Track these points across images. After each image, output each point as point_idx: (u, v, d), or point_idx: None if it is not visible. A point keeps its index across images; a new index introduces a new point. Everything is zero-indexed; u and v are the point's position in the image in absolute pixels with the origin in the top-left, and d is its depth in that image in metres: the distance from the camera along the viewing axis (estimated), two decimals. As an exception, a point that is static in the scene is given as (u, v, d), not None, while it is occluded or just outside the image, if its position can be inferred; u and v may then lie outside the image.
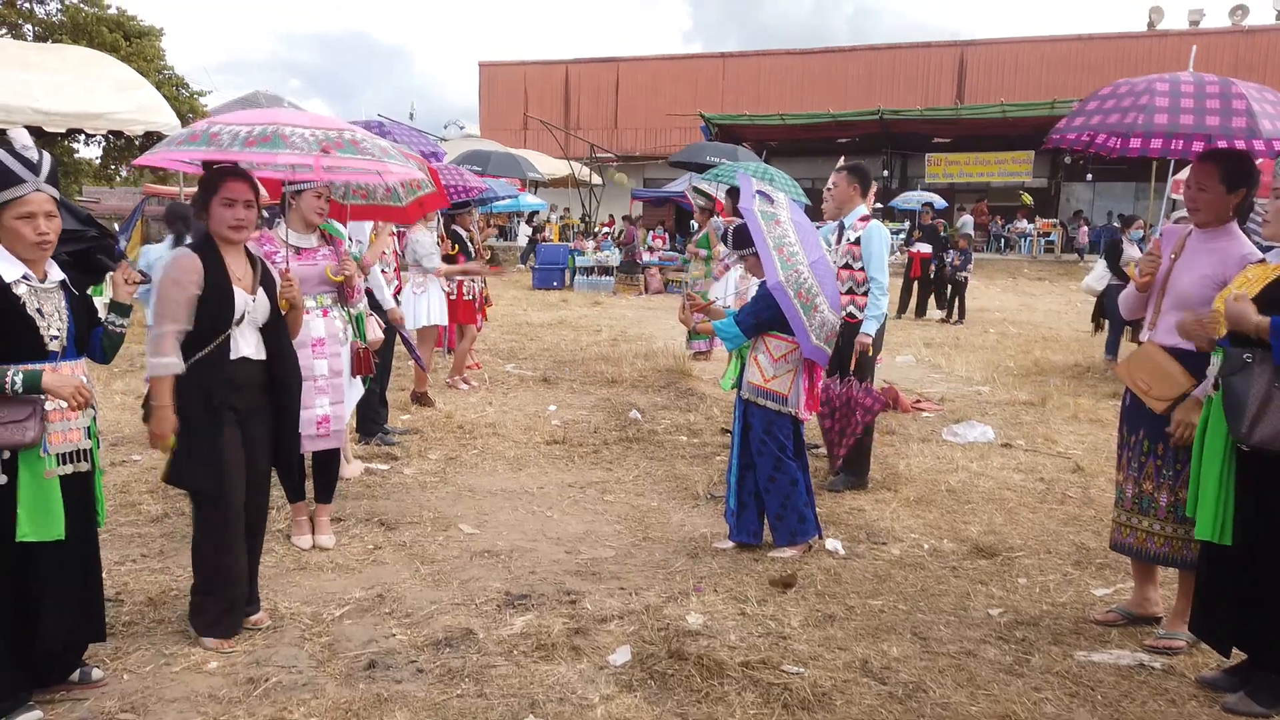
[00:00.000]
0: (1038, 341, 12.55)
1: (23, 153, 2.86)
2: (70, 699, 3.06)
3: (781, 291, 4.23)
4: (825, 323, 4.43)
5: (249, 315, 3.45)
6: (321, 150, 3.51)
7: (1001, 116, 24.64)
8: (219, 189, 3.41)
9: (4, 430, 2.75)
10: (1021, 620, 3.84)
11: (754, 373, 4.54)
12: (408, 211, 5.72)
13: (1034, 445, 6.83)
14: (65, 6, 28.02)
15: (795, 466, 4.53)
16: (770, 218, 4.41)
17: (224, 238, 3.44)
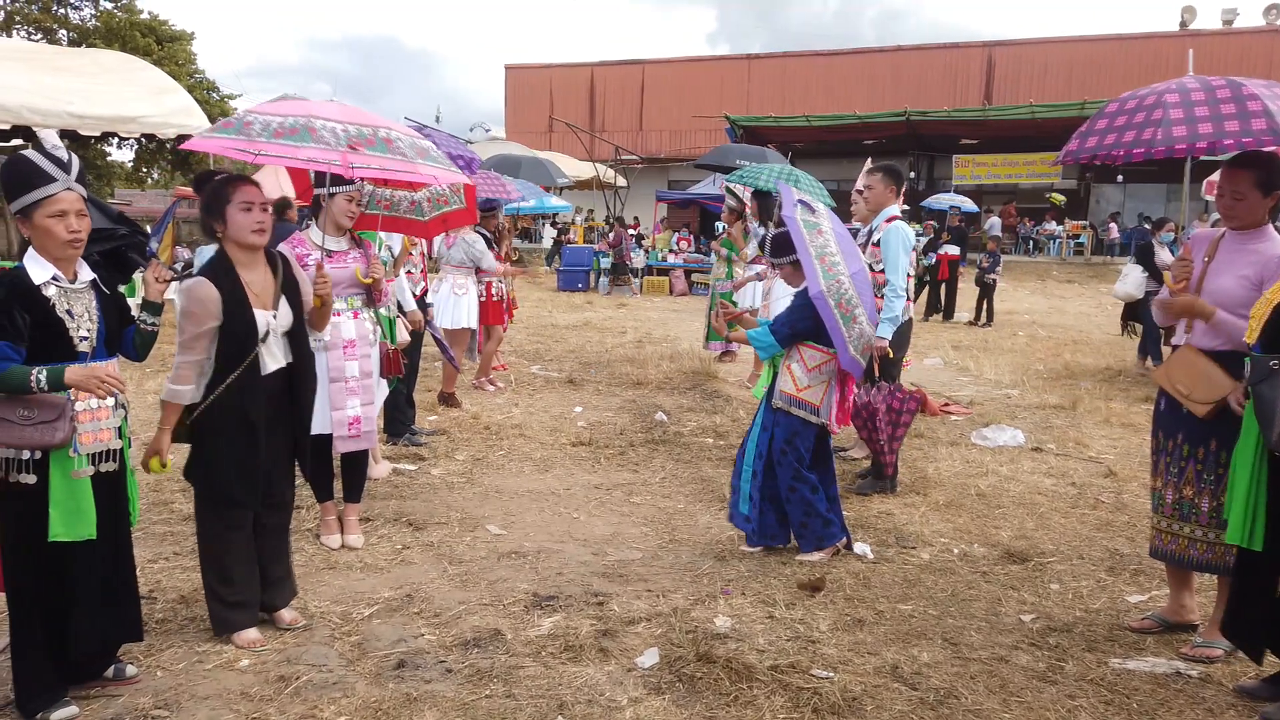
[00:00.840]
0: (1068, 344, 12.41)
1: (53, 152, 2.90)
2: (105, 695, 3.09)
3: (823, 300, 4.20)
4: (863, 335, 4.41)
5: (272, 329, 3.44)
6: (349, 147, 3.50)
7: (1030, 118, 24.41)
8: (233, 195, 3.38)
9: (34, 431, 2.78)
10: (1054, 627, 3.79)
11: (786, 381, 4.50)
12: (429, 226, 5.63)
13: (1065, 449, 6.75)
14: (99, 11, 28.45)
15: (814, 476, 4.50)
16: (813, 227, 4.39)
17: (247, 244, 3.41)
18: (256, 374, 3.40)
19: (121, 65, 12.13)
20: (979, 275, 15.08)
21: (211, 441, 3.37)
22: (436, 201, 5.52)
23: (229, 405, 3.35)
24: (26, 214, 2.83)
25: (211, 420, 3.35)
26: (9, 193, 2.85)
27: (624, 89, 36.58)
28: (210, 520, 3.49)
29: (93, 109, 10.36)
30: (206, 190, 3.46)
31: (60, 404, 2.81)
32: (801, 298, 4.42)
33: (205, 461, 3.40)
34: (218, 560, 3.49)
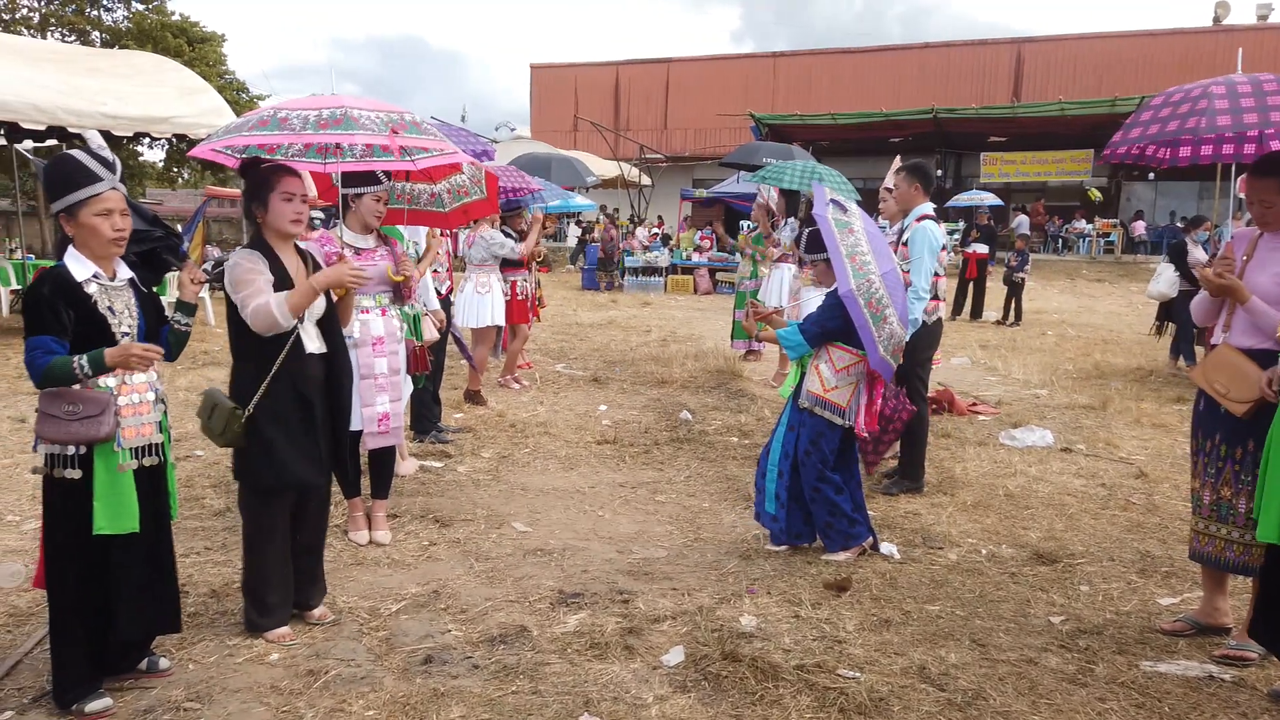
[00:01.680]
0: (1097, 344, 12.27)
1: (99, 152, 2.96)
2: (139, 687, 3.14)
3: (852, 300, 4.17)
4: (894, 335, 4.37)
5: (309, 311, 3.51)
6: (391, 131, 3.57)
7: (1060, 114, 24.14)
8: (277, 185, 3.46)
9: (79, 426, 2.83)
10: (1084, 629, 3.75)
11: (814, 381, 4.47)
12: (449, 217, 5.69)
13: (1095, 450, 6.67)
14: (131, 13, 28.81)
15: (838, 478, 4.47)
16: (844, 226, 4.36)
17: (285, 232, 3.49)
18: (302, 352, 3.46)
19: (153, 66, 12.31)
20: (1007, 274, 14.94)
21: (271, 429, 3.39)
22: (457, 193, 5.56)
23: (282, 387, 3.40)
24: (72, 212, 2.88)
25: (267, 405, 3.38)
26: (56, 190, 2.89)
27: (649, 88, 36.57)
28: (257, 517, 3.52)
29: (126, 110, 10.52)
30: (252, 175, 3.52)
31: (104, 399, 2.86)
32: (832, 297, 4.39)
33: (267, 450, 3.40)
34: (260, 561, 3.53)
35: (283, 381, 3.40)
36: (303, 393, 3.45)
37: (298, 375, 3.44)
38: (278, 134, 3.54)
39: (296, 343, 3.44)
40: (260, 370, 3.38)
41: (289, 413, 3.43)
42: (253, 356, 3.41)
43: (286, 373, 3.40)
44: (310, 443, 3.49)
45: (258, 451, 3.41)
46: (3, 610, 3.72)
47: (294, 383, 3.43)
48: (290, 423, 3.43)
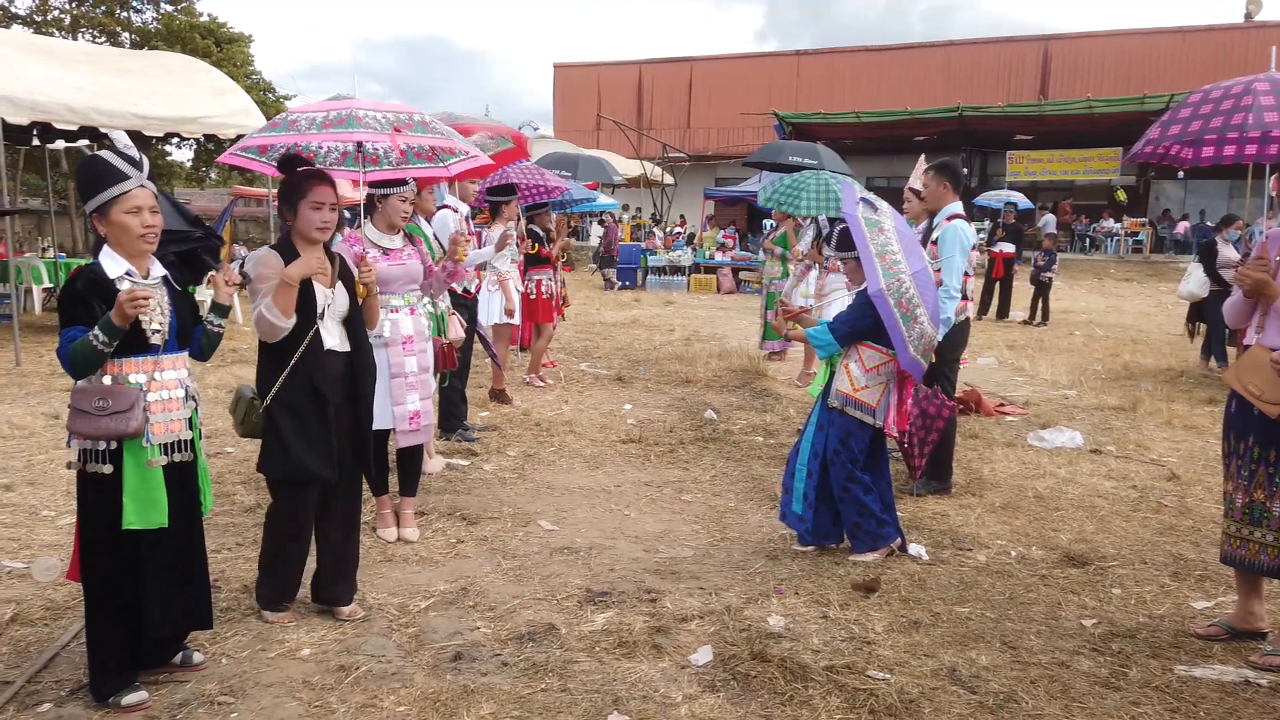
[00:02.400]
0: (1127, 344, 12.13)
1: (125, 151, 3.00)
2: (173, 681, 3.18)
3: (882, 299, 4.14)
4: (924, 334, 4.33)
5: (330, 308, 3.57)
6: (394, 129, 3.69)
7: (1088, 112, 23.87)
8: (307, 193, 3.51)
9: (109, 421, 2.87)
10: (1117, 632, 3.71)
11: (843, 380, 4.45)
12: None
13: (1125, 452, 6.60)
14: (160, 14, 29.13)
15: (868, 478, 4.44)
16: (874, 225, 4.33)
17: (310, 239, 3.55)
18: (320, 347, 3.52)
19: (183, 67, 12.44)
20: (1034, 274, 14.80)
21: (285, 422, 3.46)
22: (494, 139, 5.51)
23: (299, 381, 3.46)
24: (103, 211, 2.93)
25: (284, 399, 3.45)
26: (87, 191, 2.95)
27: (672, 87, 36.54)
28: (279, 504, 3.61)
29: (156, 110, 10.64)
30: (286, 181, 3.58)
31: (133, 395, 2.90)
32: (863, 296, 4.37)
33: (280, 443, 3.48)
34: (274, 545, 3.63)
35: (300, 376, 3.46)
36: (319, 388, 3.50)
37: (316, 371, 3.49)
38: (286, 134, 3.64)
39: (315, 339, 3.49)
40: (279, 364, 3.45)
41: (304, 407, 3.49)
42: (273, 351, 3.48)
43: (304, 368, 3.46)
44: (324, 438, 3.52)
45: (272, 443, 3.50)
46: (40, 604, 3.77)
47: (311, 378, 3.48)
48: (305, 417, 3.49)
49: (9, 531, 4.62)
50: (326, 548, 3.73)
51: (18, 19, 27.29)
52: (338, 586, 3.75)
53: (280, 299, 3.40)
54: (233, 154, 4.19)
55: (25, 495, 5.19)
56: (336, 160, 4.20)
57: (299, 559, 3.67)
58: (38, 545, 4.43)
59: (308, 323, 3.48)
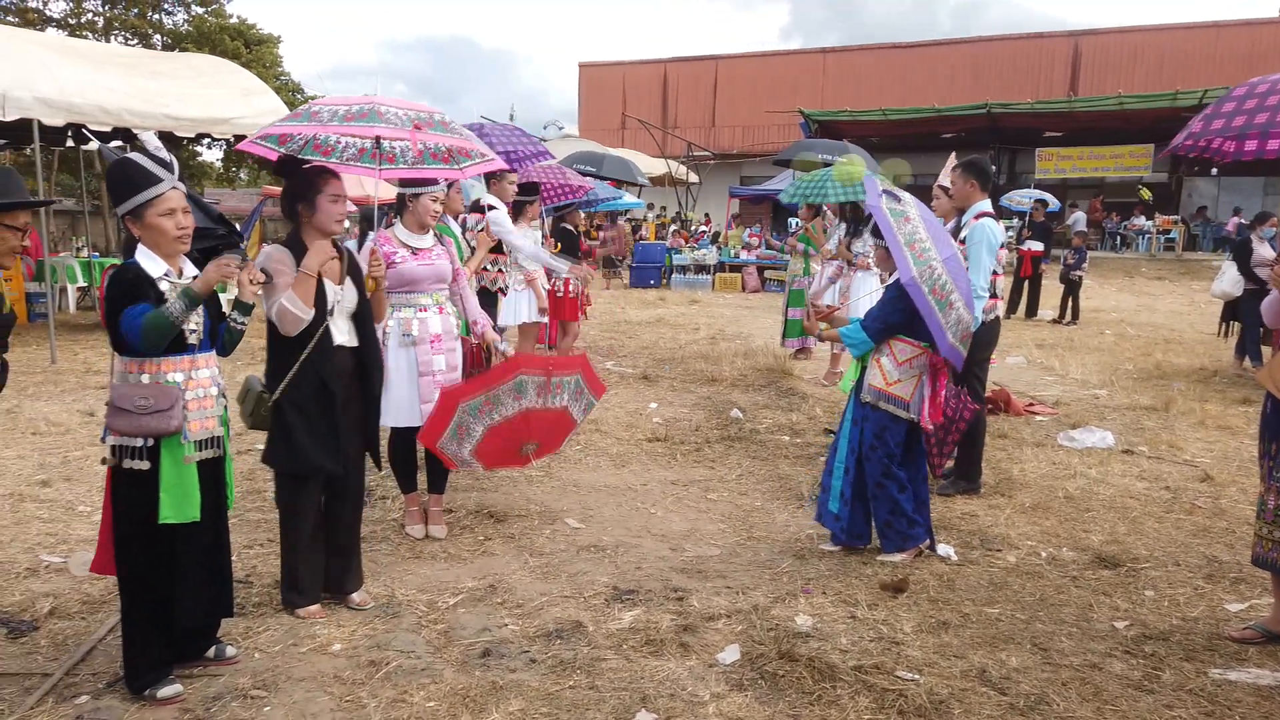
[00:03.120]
0: (1158, 343, 11.97)
1: (156, 153, 3.04)
2: (207, 674, 3.22)
3: (915, 287, 4.08)
4: (961, 320, 4.27)
5: (339, 304, 3.61)
6: (414, 126, 3.76)
7: (1119, 109, 23.55)
8: (325, 187, 3.58)
9: (151, 419, 2.92)
10: (1150, 634, 3.67)
11: (875, 375, 4.41)
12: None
13: (1158, 452, 6.52)
14: (191, 16, 29.48)
15: (904, 475, 4.42)
16: (899, 215, 4.30)
17: (330, 232, 3.61)
18: (330, 342, 3.58)
19: (213, 68, 12.59)
20: (1064, 272, 14.64)
21: (292, 416, 3.52)
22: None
23: (308, 375, 3.52)
24: (137, 214, 2.97)
25: (292, 393, 3.51)
26: (120, 195, 2.99)
27: (697, 85, 36.48)
28: (288, 499, 3.68)
29: (187, 111, 10.77)
30: (300, 176, 3.62)
31: (174, 394, 2.95)
32: (893, 289, 4.34)
33: (286, 436, 3.55)
34: (291, 542, 3.69)
35: (309, 371, 3.52)
36: (327, 384, 3.55)
37: (324, 366, 3.54)
38: (308, 125, 3.75)
39: (325, 334, 3.54)
40: (289, 359, 3.50)
41: (311, 402, 3.54)
42: (283, 346, 3.54)
43: (313, 363, 3.52)
44: (329, 432, 3.58)
45: (279, 436, 3.56)
46: (76, 597, 3.84)
47: (319, 373, 3.54)
48: (311, 412, 3.54)
49: (46, 527, 4.70)
50: (331, 538, 3.79)
51: (52, 22, 27.73)
52: (343, 575, 3.82)
53: (301, 290, 3.46)
54: (252, 141, 4.21)
55: (62, 491, 5.28)
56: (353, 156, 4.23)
57: (310, 549, 3.72)
58: (74, 540, 4.51)
59: (318, 318, 3.53)
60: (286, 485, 3.68)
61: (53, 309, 10.41)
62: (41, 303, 12.33)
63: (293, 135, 3.95)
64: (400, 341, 4.41)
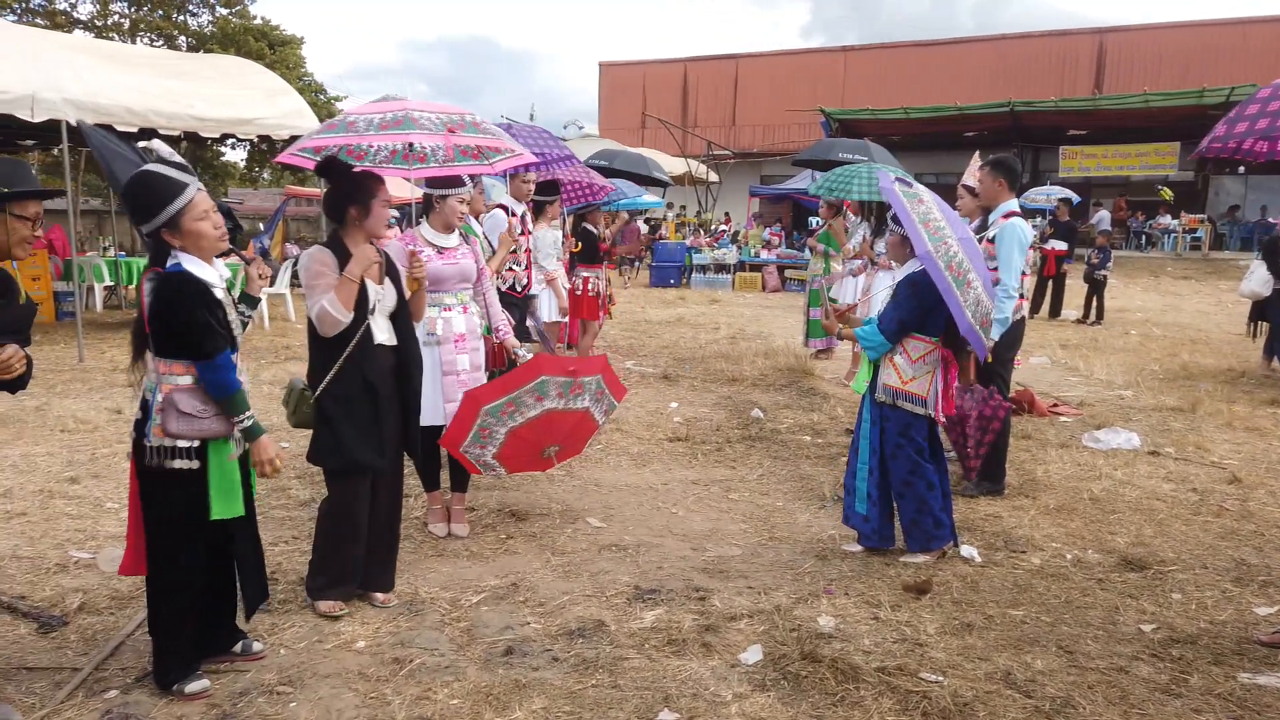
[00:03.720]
0: (1185, 344, 11.84)
1: (172, 159, 3.02)
2: (234, 670, 3.25)
3: (931, 260, 4.03)
4: (980, 302, 4.22)
5: (380, 304, 3.64)
6: (448, 130, 3.82)
7: (1144, 106, 23.30)
8: (379, 191, 3.62)
9: (210, 422, 2.96)
10: (1177, 638, 3.63)
11: (890, 375, 4.40)
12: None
13: (1184, 454, 6.44)
14: (216, 18, 29.74)
15: (931, 469, 4.39)
16: (912, 196, 4.28)
17: (378, 234, 3.65)
18: (371, 341, 3.61)
19: (237, 69, 12.69)
20: (1088, 272, 14.50)
21: (336, 413, 3.55)
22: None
23: (350, 373, 3.55)
24: (174, 223, 2.92)
25: (335, 391, 3.53)
26: (150, 209, 2.91)
27: (717, 84, 36.43)
28: (338, 496, 3.68)
29: (212, 112, 10.87)
30: (353, 179, 3.62)
31: None
32: (904, 286, 4.33)
33: (331, 433, 3.57)
34: (327, 534, 3.70)
35: (351, 369, 3.55)
36: (370, 381, 3.58)
37: (366, 364, 3.57)
38: (344, 135, 3.78)
39: (366, 333, 3.57)
40: (331, 358, 3.53)
41: (355, 399, 3.57)
42: (325, 345, 3.56)
43: (355, 361, 3.55)
44: (374, 428, 3.61)
45: (324, 433, 3.59)
46: (105, 593, 3.89)
47: (362, 371, 3.56)
48: (355, 408, 3.57)
49: (75, 523, 4.76)
50: (371, 535, 3.81)
51: (79, 24, 28.06)
52: (379, 573, 3.85)
53: (343, 294, 3.49)
54: (291, 154, 4.29)
55: (90, 488, 5.34)
56: (385, 159, 4.29)
57: (354, 548, 3.74)
58: (103, 536, 4.56)
59: (360, 318, 3.56)
60: (337, 482, 3.70)
61: (80, 308, 10.53)
62: (69, 301, 12.49)
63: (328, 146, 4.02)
64: (424, 340, 4.44)
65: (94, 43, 15.00)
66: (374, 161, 4.07)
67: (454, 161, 4.22)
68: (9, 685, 3.11)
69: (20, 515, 4.84)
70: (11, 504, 5.01)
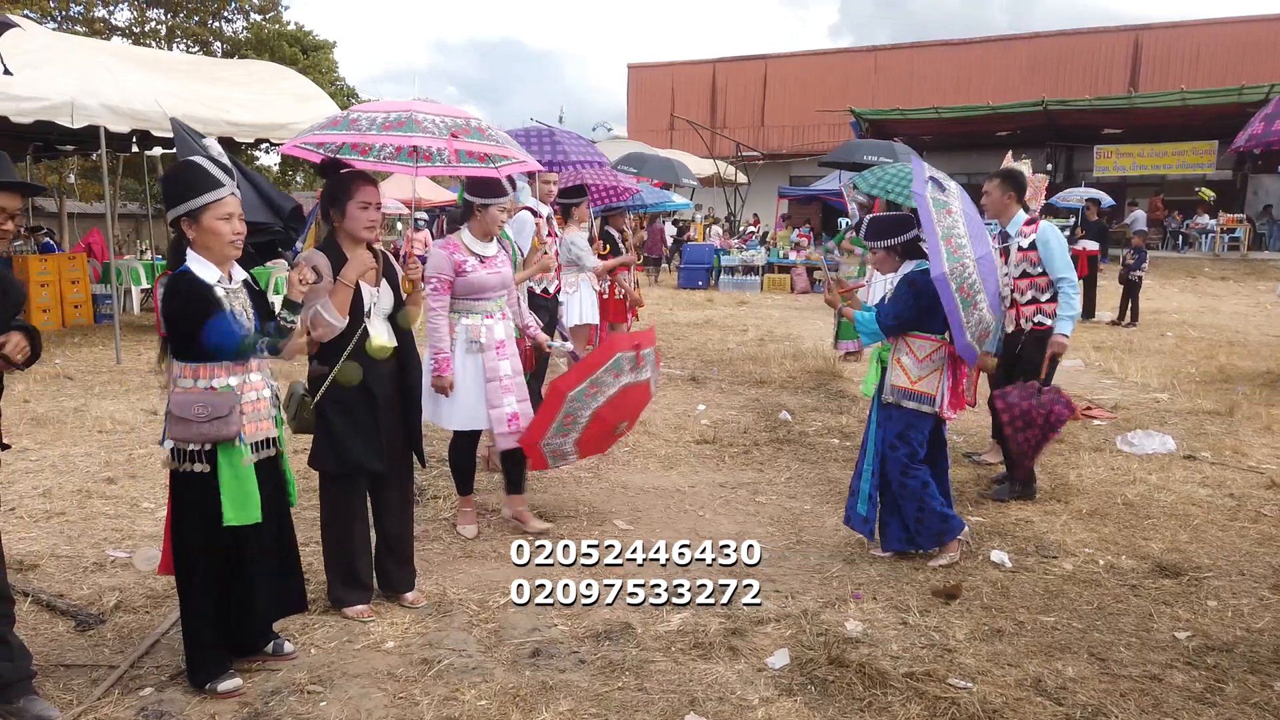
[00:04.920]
0: (1222, 346, 11.63)
1: (218, 158, 3.11)
2: (265, 669, 3.30)
3: (944, 283, 4.04)
4: (982, 321, 4.24)
5: (376, 306, 3.66)
6: (451, 135, 3.82)
7: (1181, 105, 22.91)
8: (355, 193, 3.60)
9: (210, 426, 2.99)
10: (1212, 645, 3.57)
11: (898, 375, 4.38)
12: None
13: (1221, 458, 6.34)
14: (250, 24, 30.14)
15: (924, 470, 4.36)
16: (941, 206, 4.24)
17: (359, 237, 3.64)
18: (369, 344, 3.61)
19: (271, 74, 12.88)
20: (1123, 272, 14.28)
21: (336, 418, 3.58)
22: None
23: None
24: (195, 216, 3.01)
25: (334, 394, 3.55)
26: (180, 195, 3.03)
27: (746, 85, 36.33)
28: (337, 500, 3.73)
29: (247, 117, 11.02)
30: (330, 182, 3.68)
31: (231, 400, 3.02)
32: (903, 286, 4.31)
33: (331, 438, 3.61)
34: (336, 541, 3.74)
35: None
36: (369, 384, 3.60)
37: (365, 367, 3.58)
38: (346, 133, 3.82)
39: (363, 337, 3.59)
40: (329, 362, 3.55)
41: (354, 402, 3.59)
42: (323, 349, 3.58)
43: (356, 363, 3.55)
44: (373, 431, 3.63)
45: (323, 437, 3.62)
46: (142, 592, 3.96)
47: (362, 374, 3.57)
48: (355, 412, 3.59)
49: (112, 523, 4.85)
50: (383, 538, 3.85)
51: (118, 31, 28.57)
52: (397, 574, 3.88)
53: (338, 299, 3.51)
54: (294, 145, 4.31)
55: (127, 488, 5.44)
56: (390, 155, 4.31)
57: (360, 548, 3.78)
58: (139, 535, 4.64)
59: (356, 321, 3.58)
60: (333, 486, 3.73)
61: (118, 310, 10.73)
62: (107, 304, 12.72)
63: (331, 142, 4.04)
64: (468, 348, 4.46)
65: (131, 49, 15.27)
66: (379, 158, 4.10)
67: (459, 163, 4.25)
68: (47, 682, 3.17)
69: (59, 515, 4.95)
70: (51, 504, 5.12)
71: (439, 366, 4.39)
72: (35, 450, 6.15)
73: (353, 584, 3.77)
